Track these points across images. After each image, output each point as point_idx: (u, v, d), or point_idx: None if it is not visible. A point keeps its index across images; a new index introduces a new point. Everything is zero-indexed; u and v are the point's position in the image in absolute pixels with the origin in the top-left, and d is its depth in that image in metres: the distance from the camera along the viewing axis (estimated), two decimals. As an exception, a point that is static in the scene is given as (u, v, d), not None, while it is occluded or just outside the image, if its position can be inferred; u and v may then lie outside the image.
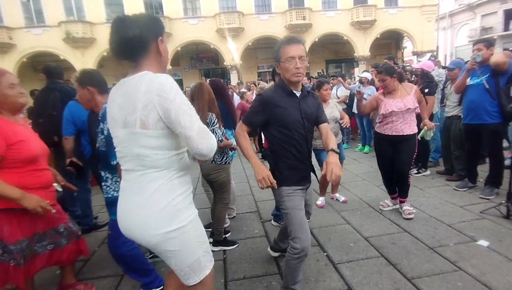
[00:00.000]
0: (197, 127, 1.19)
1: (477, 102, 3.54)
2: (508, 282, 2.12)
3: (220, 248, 2.86)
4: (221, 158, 2.78)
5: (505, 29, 24.89)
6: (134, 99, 1.18)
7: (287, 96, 1.90)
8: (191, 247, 1.33)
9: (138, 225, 1.26)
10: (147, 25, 1.24)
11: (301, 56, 1.81)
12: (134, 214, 1.26)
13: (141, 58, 1.26)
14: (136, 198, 1.26)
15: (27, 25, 18.34)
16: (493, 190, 3.62)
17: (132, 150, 1.23)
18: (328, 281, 2.29)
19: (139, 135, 1.20)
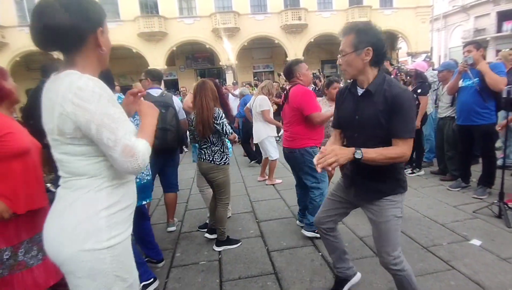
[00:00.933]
0: (121, 146, 1.00)
1: (468, 104, 3.59)
2: (500, 281, 2.15)
3: (223, 247, 2.86)
4: (220, 158, 2.77)
5: (498, 30, 25.19)
6: (53, 104, 1.00)
7: (349, 92, 1.73)
8: (101, 280, 1.05)
9: (50, 237, 1.07)
10: (82, 13, 1.01)
11: (342, 50, 1.59)
12: (49, 224, 1.09)
13: (74, 52, 1.05)
14: (56, 206, 1.09)
15: (20, 24, 18.12)
16: (485, 190, 3.67)
17: (55, 156, 1.08)
18: (323, 280, 2.30)
19: (58, 142, 1.04)
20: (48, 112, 1.03)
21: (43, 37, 1.01)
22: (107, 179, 1.08)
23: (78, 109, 0.97)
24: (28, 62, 18.39)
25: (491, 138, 3.65)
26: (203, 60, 22.87)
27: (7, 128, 1.66)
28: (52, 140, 1.06)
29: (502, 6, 24.87)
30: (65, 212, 1.05)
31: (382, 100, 1.54)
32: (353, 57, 1.55)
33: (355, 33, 1.54)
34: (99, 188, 1.06)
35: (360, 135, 1.65)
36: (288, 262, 2.58)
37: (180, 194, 4.36)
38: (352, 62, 1.56)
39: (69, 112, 0.97)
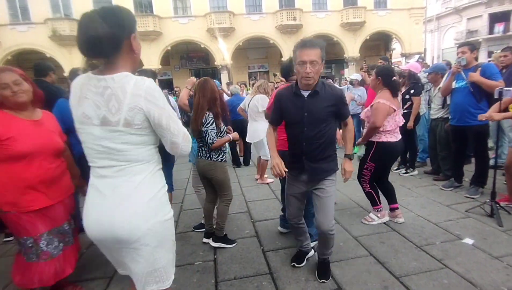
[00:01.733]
0: (182, 133, 1.28)
1: (462, 105, 3.63)
2: (492, 279, 2.18)
3: (219, 244, 2.86)
4: (217, 155, 2.77)
5: (489, 32, 25.56)
6: (119, 100, 1.16)
7: (293, 96, 2.07)
8: (167, 245, 1.34)
9: (124, 219, 1.21)
10: (118, 23, 1.17)
11: (312, 61, 1.88)
12: (119, 208, 1.21)
13: (114, 56, 1.19)
14: (119, 192, 1.22)
15: (12, 22, 17.88)
16: (478, 190, 3.71)
17: (115, 147, 1.20)
18: (318, 280, 2.30)
19: (122, 133, 1.19)
20: (108, 107, 1.17)
21: (89, 48, 1.16)
22: (157, 164, 1.32)
23: (151, 105, 1.18)
24: (20, 60, 18.15)
25: (484, 138, 3.69)
26: (198, 60, 22.80)
27: (8, 132, 1.76)
28: (110, 131, 1.19)
29: (494, 8, 25.25)
30: (133, 194, 1.23)
31: (330, 98, 2.04)
32: (320, 67, 1.94)
33: (320, 48, 1.91)
34: (153, 171, 1.29)
35: (309, 128, 2.04)
36: (283, 262, 2.58)
37: (175, 194, 4.33)
38: (319, 71, 1.94)
39: (142, 107, 1.17)
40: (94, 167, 1.26)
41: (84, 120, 1.21)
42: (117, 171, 1.22)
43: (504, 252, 2.51)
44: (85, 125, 1.21)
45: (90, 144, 1.23)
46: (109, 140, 1.20)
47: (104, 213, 1.22)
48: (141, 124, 1.20)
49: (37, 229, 1.88)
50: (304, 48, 1.89)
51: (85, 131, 1.22)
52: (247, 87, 10.01)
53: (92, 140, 1.22)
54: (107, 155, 1.21)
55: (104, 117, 1.18)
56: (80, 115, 1.21)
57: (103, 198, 1.23)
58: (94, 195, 1.26)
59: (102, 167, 1.23)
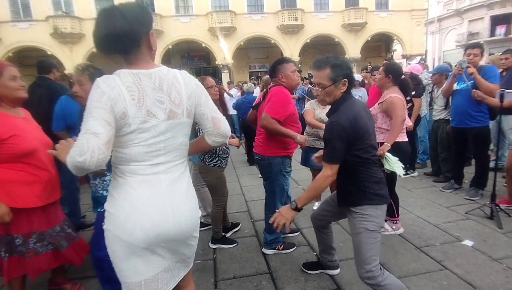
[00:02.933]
0: (219, 111, 1.34)
1: (462, 107, 3.63)
2: (492, 281, 2.18)
3: (218, 245, 2.86)
4: (210, 159, 2.73)
5: (491, 34, 25.57)
6: (179, 90, 1.21)
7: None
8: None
9: (188, 213, 1.26)
10: (138, 19, 1.14)
11: (319, 84, 1.76)
12: (185, 206, 1.25)
13: (133, 54, 1.16)
14: (181, 190, 1.25)
15: (13, 19, 17.87)
16: (478, 192, 3.72)
17: (175, 141, 1.22)
18: (317, 280, 2.31)
19: (185, 125, 1.25)
20: (170, 100, 1.19)
21: (108, 44, 1.13)
22: None
23: (200, 89, 1.28)
24: (21, 58, 18.14)
25: (484, 140, 3.69)
26: (199, 59, 22.80)
27: (10, 131, 1.75)
28: (176, 124, 1.21)
29: (496, 11, 25.25)
30: (189, 189, 1.30)
31: None
32: (331, 89, 1.74)
33: (331, 68, 1.71)
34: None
35: None
36: (283, 262, 2.58)
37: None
38: (332, 93, 1.75)
39: (196, 92, 1.25)
40: (142, 165, 1.17)
41: (147, 118, 1.14)
42: (172, 167, 1.23)
43: (503, 254, 2.51)
44: (149, 123, 1.15)
45: (149, 141, 1.16)
46: (174, 133, 1.21)
47: (169, 208, 1.19)
48: (193, 114, 1.27)
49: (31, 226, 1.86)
50: (312, 69, 1.80)
51: (149, 129, 1.15)
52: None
53: (153, 137, 1.16)
54: (166, 151, 1.20)
55: (170, 110, 1.18)
56: (144, 114, 1.14)
57: (162, 193, 1.19)
58: (148, 192, 1.17)
59: (158, 164, 1.19)
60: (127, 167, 1.17)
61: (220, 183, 2.83)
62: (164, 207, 1.19)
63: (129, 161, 1.16)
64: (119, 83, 1.11)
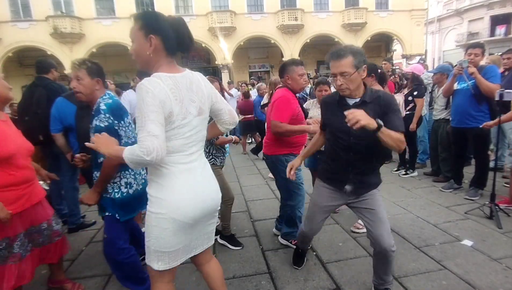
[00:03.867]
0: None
1: (463, 107, 3.63)
2: (491, 280, 2.18)
3: (224, 242, 2.88)
4: (206, 156, 2.71)
5: (491, 34, 25.56)
6: (203, 91, 1.43)
7: (337, 105, 1.89)
8: None
9: (217, 191, 1.55)
10: None
11: (342, 72, 1.73)
12: (213, 183, 1.53)
13: (175, 57, 1.41)
14: (207, 171, 1.51)
15: (13, 19, 17.86)
16: (477, 191, 3.72)
17: (202, 133, 1.46)
18: (317, 280, 2.31)
19: (207, 119, 1.48)
20: (199, 98, 1.41)
21: (191, 43, 1.41)
22: None
23: (214, 89, 1.55)
24: (21, 58, 18.16)
25: (484, 140, 3.69)
26: (199, 59, 22.78)
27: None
28: (203, 119, 1.45)
29: (496, 11, 25.25)
30: (212, 173, 1.55)
31: (377, 107, 1.77)
32: (356, 76, 1.75)
33: (352, 55, 1.73)
34: None
35: (358, 142, 1.82)
36: (283, 262, 2.58)
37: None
38: (355, 80, 1.76)
39: (212, 91, 1.51)
40: (182, 155, 1.38)
41: (186, 115, 1.35)
42: (199, 155, 1.47)
43: (503, 254, 2.51)
44: (187, 119, 1.35)
45: (186, 134, 1.37)
46: (202, 127, 1.45)
47: (209, 190, 1.49)
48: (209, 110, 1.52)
49: (16, 229, 1.80)
50: (332, 60, 1.77)
51: (187, 124, 1.36)
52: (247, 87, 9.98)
53: (189, 131, 1.38)
54: (197, 142, 1.43)
55: (200, 108, 1.40)
56: (184, 111, 1.34)
57: (200, 177, 1.45)
58: (191, 178, 1.41)
59: (192, 153, 1.42)
60: (170, 158, 1.34)
61: (219, 180, 2.79)
62: (204, 188, 1.46)
63: (172, 153, 1.34)
64: (164, 86, 1.27)
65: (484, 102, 3.52)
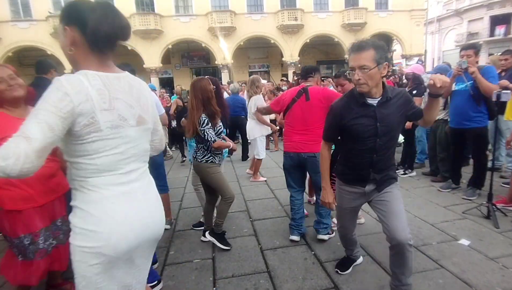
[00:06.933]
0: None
1: (461, 108, 3.64)
2: (487, 279, 2.20)
3: (212, 239, 2.86)
4: (203, 155, 2.71)
5: (490, 34, 25.58)
6: (146, 98, 1.23)
7: (359, 106, 1.80)
8: None
9: (161, 217, 1.28)
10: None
11: (362, 66, 1.64)
12: (156, 207, 1.26)
13: (110, 54, 1.15)
14: (151, 193, 1.26)
15: (13, 19, 17.88)
16: (475, 191, 3.74)
17: (142, 147, 1.22)
18: (315, 279, 2.33)
19: (149, 131, 1.27)
20: (140, 105, 1.19)
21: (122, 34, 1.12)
22: None
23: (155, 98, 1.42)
24: (21, 57, 18.18)
25: (483, 140, 3.70)
26: (199, 58, 22.81)
27: (3, 132, 1.70)
28: (144, 130, 1.22)
29: (495, 11, 25.26)
30: (157, 195, 1.29)
31: (401, 101, 1.80)
32: (375, 72, 1.65)
33: (374, 49, 1.64)
34: None
35: (383, 140, 1.82)
36: (281, 261, 2.60)
37: (174, 192, 4.36)
38: (374, 76, 1.67)
39: (156, 101, 1.31)
40: (116, 174, 1.12)
41: (120, 123, 1.10)
42: (141, 173, 1.22)
43: (499, 253, 2.53)
44: (121, 128, 1.10)
45: (120, 148, 1.11)
46: (143, 139, 1.21)
47: (151, 218, 1.22)
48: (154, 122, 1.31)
49: (36, 225, 1.86)
50: (352, 52, 1.69)
51: (120, 135, 1.11)
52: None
53: (125, 144, 1.13)
54: (136, 158, 1.18)
55: (139, 116, 1.17)
56: (116, 118, 1.09)
57: (139, 202, 1.18)
58: (128, 202, 1.15)
59: (130, 171, 1.16)
60: (99, 179, 1.09)
61: (218, 178, 2.76)
62: (145, 215, 1.19)
63: (102, 172, 1.09)
64: (87, 85, 1.03)
65: (483, 102, 3.53)
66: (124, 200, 1.14)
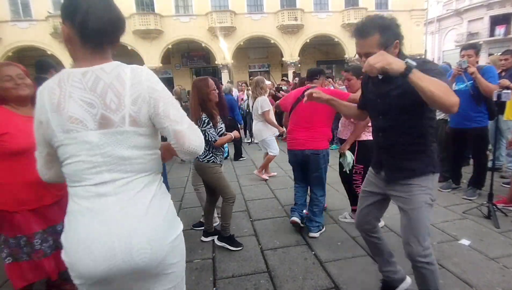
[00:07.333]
0: (187, 121, 1.07)
1: (461, 107, 3.60)
2: (488, 280, 2.20)
3: (223, 244, 2.83)
4: (204, 155, 2.69)
5: (490, 34, 25.59)
6: (118, 93, 0.97)
7: (370, 79, 1.73)
8: (183, 256, 1.19)
9: (144, 242, 0.99)
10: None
11: (367, 53, 1.47)
12: (136, 230, 0.99)
13: (108, 47, 1.04)
14: (131, 212, 1.00)
15: (13, 19, 17.89)
16: (475, 191, 3.73)
17: (116, 154, 0.98)
18: (315, 279, 2.33)
19: (129, 134, 0.99)
20: (105, 104, 0.97)
21: (111, 27, 1.01)
22: (160, 173, 1.15)
23: (152, 90, 1.02)
24: (21, 57, 18.14)
25: (483, 140, 3.70)
26: (199, 58, 22.82)
27: (4, 128, 1.74)
28: (114, 134, 0.98)
29: (495, 11, 25.27)
30: (149, 211, 1.02)
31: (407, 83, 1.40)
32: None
33: (379, 32, 1.48)
34: (161, 181, 1.13)
35: (387, 119, 1.66)
36: (281, 261, 2.60)
37: (174, 192, 4.36)
38: None
39: (146, 94, 1.00)
40: (84, 186, 0.99)
41: (72, 127, 0.96)
42: (122, 186, 1.00)
43: (500, 253, 2.53)
44: (75, 133, 0.96)
45: (81, 156, 0.97)
46: (114, 146, 0.98)
47: (115, 240, 0.97)
48: (148, 121, 1.02)
49: (31, 228, 1.84)
50: (356, 38, 1.55)
51: (76, 141, 0.97)
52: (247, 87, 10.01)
53: (87, 151, 0.97)
54: (109, 167, 0.99)
55: (102, 117, 0.96)
56: (66, 121, 0.95)
57: (108, 222, 0.98)
58: (91, 222, 0.98)
59: (101, 183, 0.99)
60: (72, 189, 1.02)
61: (220, 178, 2.75)
62: (112, 240, 0.97)
63: (73, 182, 1.01)
64: (51, 85, 0.98)
65: (483, 102, 3.53)
66: (89, 217, 0.98)
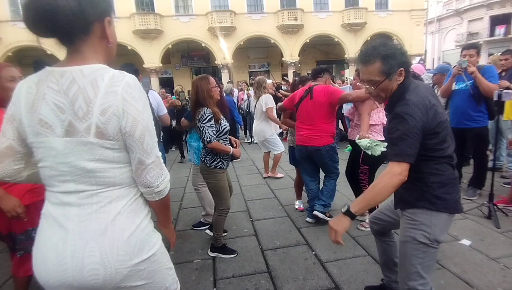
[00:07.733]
0: (155, 154, 0.97)
1: (462, 107, 3.63)
2: (489, 280, 2.20)
3: (216, 254, 2.72)
4: (212, 160, 2.57)
5: (490, 34, 25.60)
6: (88, 99, 0.87)
7: None
8: (160, 277, 1.07)
9: (97, 261, 0.90)
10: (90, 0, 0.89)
11: (369, 81, 1.48)
12: (89, 247, 0.90)
13: (79, 41, 0.92)
14: (89, 226, 0.92)
15: (13, 19, 17.87)
16: (476, 191, 3.73)
17: (79, 165, 0.90)
18: (316, 279, 2.32)
19: (94, 146, 0.90)
20: (74, 109, 0.88)
21: (44, 19, 0.84)
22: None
23: (128, 105, 0.90)
24: (21, 57, 18.12)
25: (484, 140, 3.70)
26: (199, 58, 22.82)
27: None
28: (77, 144, 0.89)
29: (495, 11, 25.29)
30: (108, 230, 0.93)
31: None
32: (386, 84, 1.47)
33: (381, 60, 1.43)
34: (135, 196, 1.01)
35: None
36: (282, 261, 2.60)
37: (174, 192, 4.36)
38: (387, 88, 1.49)
39: (118, 108, 0.88)
40: (51, 191, 0.96)
41: (41, 131, 0.89)
42: (86, 198, 0.93)
43: (501, 253, 2.53)
44: (43, 138, 0.90)
45: (48, 161, 0.92)
46: (77, 156, 0.89)
47: (68, 254, 0.90)
48: (116, 136, 0.91)
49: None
50: (359, 64, 1.52)
51: (44, 146, 0.91)
52: (248, 86, 10.00)
53: (53, 158, 0.91)
54: (74, 177, 0.91)
55: (69, 124, 0.88)
56: (36, 123, 0.89)
57: (65, 234, 0.91)
58: (52, 229, 0.93)
59: (66, 192, 0.93)
60: (46, 192, 0.99)
61: (222, 187, 2.66)
62: (64, 256, 0.90)
63: (46, 185, 0.98)
64: (27, 83, 0.93)
65: (483, 102, 3.52)
66: (51, 223, 0.94)
